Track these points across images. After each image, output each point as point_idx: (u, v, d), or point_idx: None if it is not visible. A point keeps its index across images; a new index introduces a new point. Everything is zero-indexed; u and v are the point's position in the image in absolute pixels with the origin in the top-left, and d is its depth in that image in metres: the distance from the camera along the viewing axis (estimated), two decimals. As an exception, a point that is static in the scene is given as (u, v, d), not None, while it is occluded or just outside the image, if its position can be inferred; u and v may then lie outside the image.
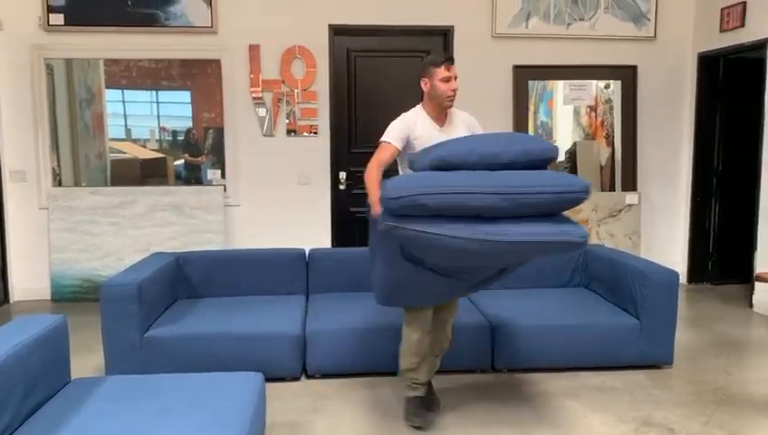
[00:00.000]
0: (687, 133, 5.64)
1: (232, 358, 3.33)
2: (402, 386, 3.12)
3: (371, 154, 5.76)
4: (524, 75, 5.47)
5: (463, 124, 3.01)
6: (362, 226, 5.46)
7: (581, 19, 5.43)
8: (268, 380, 2.85)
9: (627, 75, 5.54)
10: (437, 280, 2.72)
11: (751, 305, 4.88)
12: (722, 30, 5.20)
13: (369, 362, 3.51)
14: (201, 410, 2.18)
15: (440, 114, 2.96)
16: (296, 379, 3.49)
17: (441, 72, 2.87)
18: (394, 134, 2.89)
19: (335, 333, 3.50)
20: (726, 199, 5.60)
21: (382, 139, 2.90)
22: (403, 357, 3.00)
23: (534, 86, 5.54)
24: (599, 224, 5.50)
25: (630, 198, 5.53)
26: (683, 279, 5.61)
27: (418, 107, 3.01)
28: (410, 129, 2.90)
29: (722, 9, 5.19)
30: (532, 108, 5.56)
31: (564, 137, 5.66)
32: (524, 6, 5.37)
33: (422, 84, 2.95)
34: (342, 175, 5.37)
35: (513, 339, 3.54)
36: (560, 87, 5.58)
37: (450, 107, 2.97)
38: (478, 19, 5.36)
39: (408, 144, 2.89)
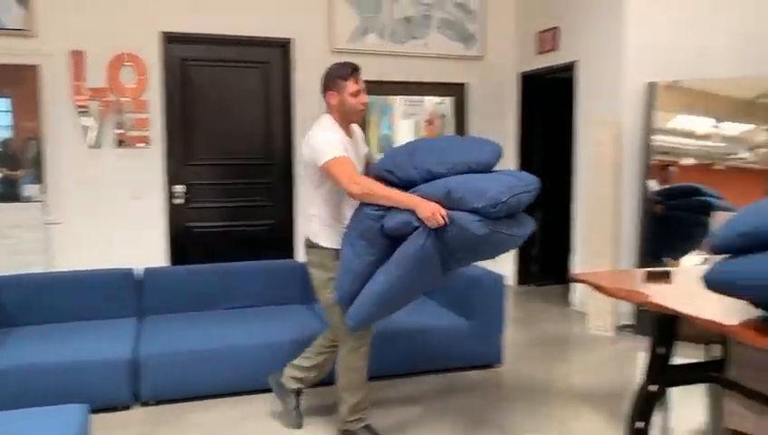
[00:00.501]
0: (513, 146, 6.09)
1: (55, 391, 3.04)
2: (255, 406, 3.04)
3: (210, 166, 5.53)
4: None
5: (358, 136, 3.00)
6: (203, 241, 5.30)
7: (416, 38, 5.68)
8: (97, 411, 2.66)
9: (457, 92, 5.87)
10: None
11: (569, 304, 5.36)
12: (539, 52, 5.69)
13: (210, 384, 3.39)
14: (11, 452, 1.98)
15: (347, 126, 2.86)
16: (127, 407, 3.28)
17: (351, 85, 2.75)
18: (340, 147, 2.68)
19: (171, 355, 3.33)
20: (548, 207, 6.09)
21: (332, 155, 2.64)
22: (352, 394, 2.83)
23: (376, 101, 5.69)
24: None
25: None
26: (512, 282, 6.03)
27: (330, 120, 2.81)
28: (342, 141, 2.76)
29: (538, 33, 5.68)
30: (375, 121, 5.71)
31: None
32: (362, 23, 5.51)
33: (328, 97, 2.80)
34: (179, 189, 5.15)
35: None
36: (399, 102, 5.79)
37: (359, 121, 2.91)
38: (317, 33, 5.41)
39: None
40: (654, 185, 4.64)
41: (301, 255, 5.19)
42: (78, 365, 3.16)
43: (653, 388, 2.72)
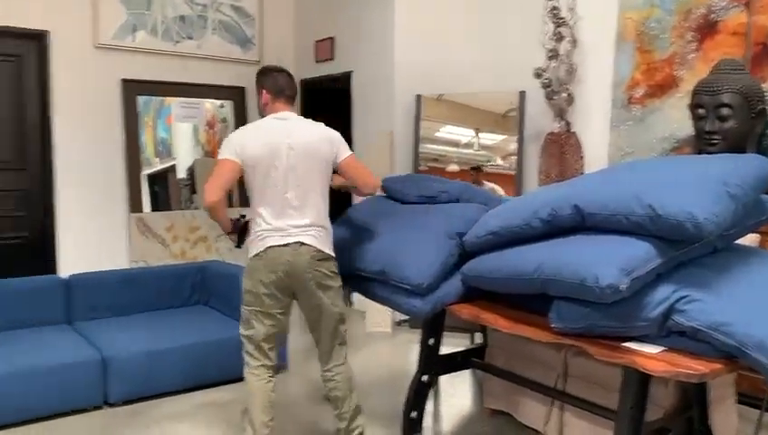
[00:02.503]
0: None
1: None
2: None
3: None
4: (134, 90, 5.25)
5: None
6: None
7: (190, 38, 5.47)
8: None
9: (237, 96, 5.77)
10: None
11: (350, 304, 5.54)
12: (317, 60, 5.81)
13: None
14: None
15: None
16: None
17: None
18: None
19: None
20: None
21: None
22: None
23: (151, 101, 5.37)
24: (216, 240, 5.59)
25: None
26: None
27: None
28: None
29: (316, 42, 5.80)
30: (150, 123, 5.38)
31: (185, 153, 5.62)
32: (130, 18, 5.16)
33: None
34: None
35: (128, 368, 3.35)
36: (175, 104, 5.53)
37: None
38: (79, 27, 4.95)
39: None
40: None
41: (66, 269, 4.76)
42: None
43: (425, 378, 2.91)
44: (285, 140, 2.57)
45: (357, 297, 5.40)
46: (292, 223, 2.57)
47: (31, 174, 4.89)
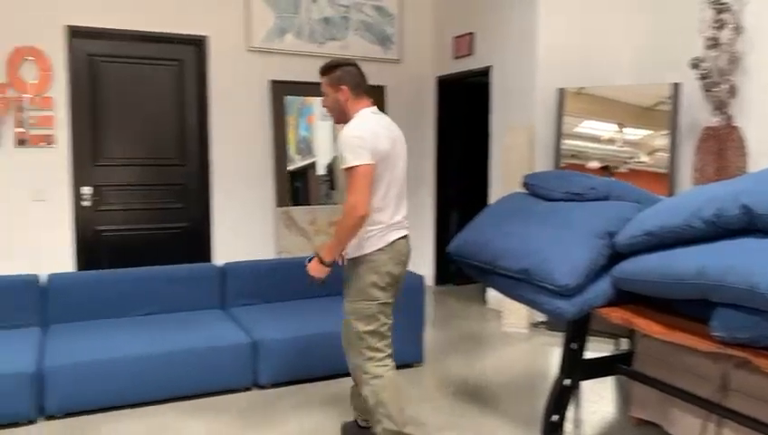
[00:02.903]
0: (431, 148, 6.18)
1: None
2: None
3: (121, 167, 5.31)
4: (282, 90, 5.53)
5: None
6: (113, 245, 5.07)
7: (334, 39, 5.66)
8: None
9: (376, 95, 5.88)
10: None
11: (485, 302, 5.50)
12: (455, 57, 5.81)
13: (120, 394, 3.25)
14: None
15: None
16: (32, 422, 3.09)
17: None
18: None
19: (78, 366, 3.16)
20: (465, 207, 6.22)
21: None
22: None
23: (295, 101, 5.63)
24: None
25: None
26: (431, 282, 6.11)
27: None
28: None
29: (454, 38, 5.79)
30: (293, 122, 5.64)
31: (324, 151, 5.83)
32: (278, 22, 5.43)
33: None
34: (86, 190, 4.90)
35: (277, 352, 3.54)
36: (317, 103, 5.75)
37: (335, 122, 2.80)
38: (233, 31, 5.29)
39: None
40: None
41: (220, 258, 5.14)
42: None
43: (567, 382, 2.82)
44: (391, 133, 2.60)
45: (492, 296, 5.35)
46: (402, 216, 2.67)
47: (190, 170, 5.30)
